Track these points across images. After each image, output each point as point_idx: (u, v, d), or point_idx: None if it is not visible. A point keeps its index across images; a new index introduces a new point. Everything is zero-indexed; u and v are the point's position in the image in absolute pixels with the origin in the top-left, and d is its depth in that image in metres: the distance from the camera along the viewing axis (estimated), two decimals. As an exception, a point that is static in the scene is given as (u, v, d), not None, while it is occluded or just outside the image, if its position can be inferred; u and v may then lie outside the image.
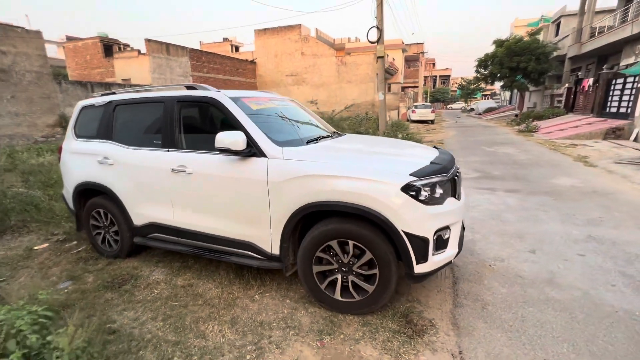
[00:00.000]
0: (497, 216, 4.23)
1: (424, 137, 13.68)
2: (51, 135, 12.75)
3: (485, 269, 2.94)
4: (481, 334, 2.12)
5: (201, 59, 20.38)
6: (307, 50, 24.86)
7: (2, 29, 11.49)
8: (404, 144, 3.30)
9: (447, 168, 2.32)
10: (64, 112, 13.06)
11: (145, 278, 2.85)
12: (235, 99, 2.65)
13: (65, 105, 13.12)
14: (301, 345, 2.04)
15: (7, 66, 11.41)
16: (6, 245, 3.65)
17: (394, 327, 2.19)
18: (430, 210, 2.07)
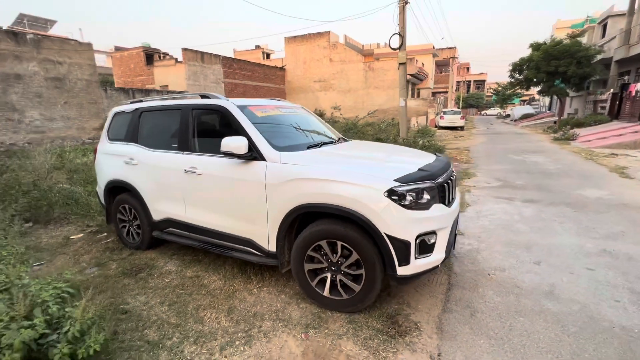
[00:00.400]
0: (509, 226, 4.13)
1: (449, 144, 13.38)
2: (97, 137, 13.95)
3: (483, 277, 2.93)
4: (464, 339, 2.15)
5: (233, 67, 21.34)
6: (335, 57, 25.18)
7: (59, 42, 12.84)
8: (402, 151, 3.37)
9: (435, 175, 2.38)
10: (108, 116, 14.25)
11: (159, 268, 3.15)
12: (242, 107, 2.88)
13: (109, 110, 14.31)
14: (287, 336, 2.19)
15: (63, 75, 12.71)
16: (49, 234, 4.15)
17: (378, 327, 2.27)
18: (413, 214, 2.15)
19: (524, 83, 20.60)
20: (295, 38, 25.71)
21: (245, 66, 22.30)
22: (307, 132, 3.27)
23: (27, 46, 11.71)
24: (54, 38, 13.12)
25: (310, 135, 3.24)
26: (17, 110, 11.59)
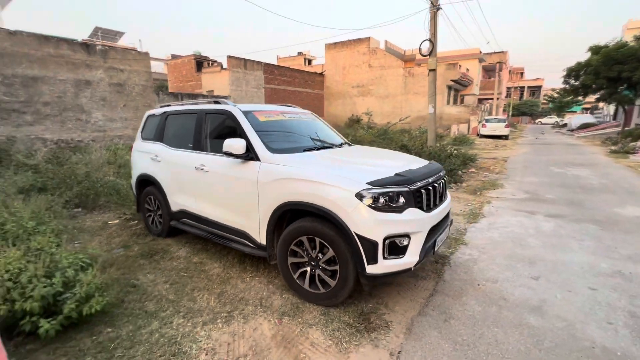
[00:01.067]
0: (519, 240, 3.96)
1: (486, 154, 12.77)
2: (148, 136, 15.46)
3: (471, 287, 2.90)
4: (429, 341, 2.21)
5: (273, 73, 22.28)
6: (375, 62, 25.15)
7: (122, 52, 14.50)
8: (394, 156, 3.45)
9: (412, 180, 2.46)
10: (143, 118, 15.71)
11: (171, 253, 3.56)
12: (247, 112, 3.19)
13: (160, 113, 15.76)
14: (263, 321, 2.41)
15: (123, 81, 14.32)
16: (92, 218, 4.82)
17: (349, 321, 2.40)
18: (382, 216, 2.26)
19: (580, 90, 18.87)
20: (335, 45, 26.14)
21: (285, 72, 23.15)
22: (307, 137, 3.49)
23: (96, 56, 13.41)
24: (118, 48, 14.85)
25: (310, 139, 3.46)
26: (85, 111, 13.28)
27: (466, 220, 4.76)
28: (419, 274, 3.13)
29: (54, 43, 12.22)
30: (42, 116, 12.10)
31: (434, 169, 2.90)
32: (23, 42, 11.44)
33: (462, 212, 5.16)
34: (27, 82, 11.65)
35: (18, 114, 11.57)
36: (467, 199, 6.00)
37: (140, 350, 2.05)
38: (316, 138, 3.55)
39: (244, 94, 20.32)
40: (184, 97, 16.93)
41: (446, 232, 2.91)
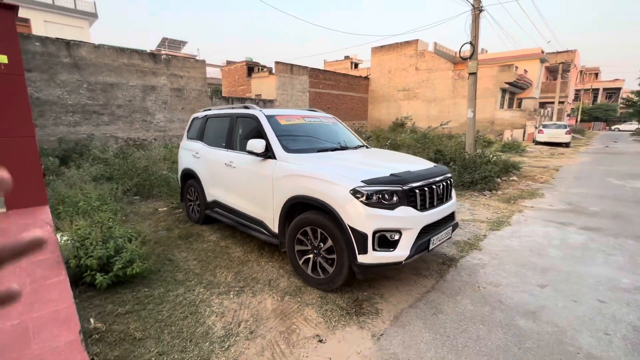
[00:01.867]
0: (539, 249, 3.85)
1: (537, 162, 11.92)
2: (202, 136, 16.95)
3: (470, 288, 2.98)
4: (411, 329, 2.39)
5: (319, 77, 22.93)
6: (422, 65, 24.58)
7: (183, 60, 16.14)
8: (399, 158, 3.59)
9: (406, 181, 2.65)
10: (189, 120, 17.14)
11: (204, 237, 4.11)
12: (270, 117, 3.61)
13: (213, 115, 17.19)
14: (268, 297, 2.78)
15: (182, 86, 15.93)
16: (146, 205, 5.64)
17: (342, 305, 2.67)
18: (372, 211, 2.49)
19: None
20: (381, 48, 26.07)
21: (330, 76, 23.67)
22: (324, 139, 3.81)
23: (161, 64, 15.12)
24: (179, 57, 16.56)
25: (326, 141, 3.77)
26: (149, 113, 15.04)
27: (489, 227, 4.68)
28: (422, 272, 3.27)
29: (128, 54, 14.05)
30: (115, 117, 13.95)
31: (435, 171, 3.04)
32: (104, 54, 13.34)
33: (487, 219, 5.07)
34: (105, 88, 13.54)
35: (97, 115, 13.48)
36: (498, 206, 5.82)
37: (166, 307, 2.54)
38: (332, 140, 3.86)
39: (290, 97, 21.20)
40: (234, 101, 18.24)
41: (447, 233, 3.02)
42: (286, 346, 2.19)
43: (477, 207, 5.83)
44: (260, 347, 2.17)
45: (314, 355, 2.12)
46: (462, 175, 7.24)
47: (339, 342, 2.25)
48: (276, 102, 20.13)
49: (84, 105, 13.11)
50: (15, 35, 2.66)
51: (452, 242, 4.07)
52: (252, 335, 2.28)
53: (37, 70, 11.98)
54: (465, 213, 5.43)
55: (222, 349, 2.12)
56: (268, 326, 2.39)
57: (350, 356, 2.12)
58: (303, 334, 2.31)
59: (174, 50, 34.93)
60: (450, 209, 3.08)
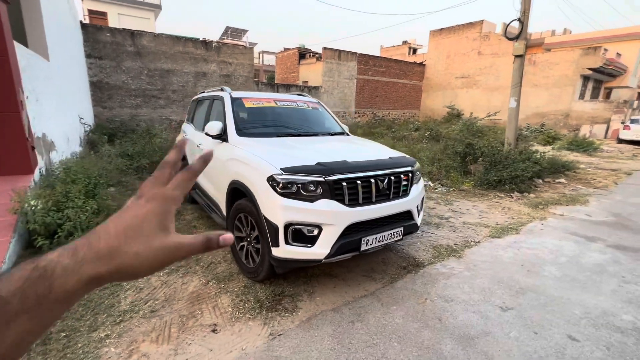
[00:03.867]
0: (532, 266, 3.21)
1: (607, 164, 9.99)
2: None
3: (414, 299, 2.61)
4: (315, 334, 2.18)
5: (368, 63, 22.10)
6: (486, 49, 22.11)
7: (232, 47, 16.86)
8: (360, 147, 3.26)
9: (331, 171, 2.37)
10: (257, 105, 17.76)
11: (180, 216, 4.29)
12: (235, 99, 3.55)
13: (258, 101, 17.78)
14: (196, 279, 2.78)
15: (230, 72, 16.70)
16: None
17: (262, 297, 2.55)
18: (286, 202, 2.29)
19: None
20: (440, 31, 24.04)
21: (381, 62, 22.64)
22: (293, 124, 3.63)
23: (212, 51, 16.00)
24: (229, 44, 17.30)
25: (293, 127, 3.59)
26: (200, 98, 16.17)
27: (489, 233, 4.06)
28: (373, 275, 2.97)
29: (183, 42, 15.11)
30: (170, 101, 15.21)
31: (383, 163, 2.68)
32: (162, 42, 14.53)
33: (495, 224, 4.40)
34: (163, 74, 14.81)
35: (155, 99, 14.84)
36: (519, 211, 5.02)
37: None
38: (301, 126, 3.66)
39: (336, 84, 20.88)
40: (279, 88, 18.60)
41: (394, 235, 2.67)
42: (176, 330, 2.17)
43: (493, 210, 5.09)
44: (151, 327, 2.18)
45: (197, 344, 2.06)
46: (488, 173, 6.38)
47: (231, 335, 2.15)
48: (321, 89, 20.02)
49: (144, 90, 14.52)
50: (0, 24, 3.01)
51: (432, 246, 3.62)
52: (152, 314, 2.30)
53: (107, 58, 13.54)
54: (473, 215, 4.78)
55: (114, 322, 2.18)
56: (174, 308, 2.39)
57: (232, 351, 2.02)
58: (201, 321, 2.27)
59: (235, 38, 36.68)
60: (400, 207, 2.70)
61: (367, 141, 3.58)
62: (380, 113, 23.34)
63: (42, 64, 4.55)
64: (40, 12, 4.88)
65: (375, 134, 14.21)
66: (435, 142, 11.37)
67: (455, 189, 6.32)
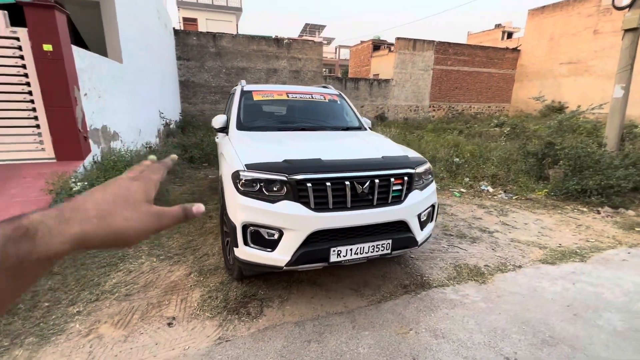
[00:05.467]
0: (587, 309, 2.39)
1: None
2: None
3: (397, 328, 2.19)
4: (263, 347, 2.00)
5: (447, 52, 20.13)
6: (606, 26, 17.92)
7: (302, 43, 17.23)
8: (363, 143, 2.85)
9: (295, 170, 2.09)
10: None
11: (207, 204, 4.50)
12: (245, 92, 3.51)
13: (325, 95, 17.88)
14: (182, 269, 2.84)
15: (299, 68, 17.13)
16: (203, 172, 6.55)
17: (231, 297, 2.46)
18: (246, 202, 2.11)
19: None
20: (543, 9, 20.37)
21: (463, 50, 20.37)
22: (301, 118, 3.43)
23: (283, 48, 16.62)
24: (299, 40, 17.71)
25: (302, 120, 3.39)
26: (270, 93, 16.99)
27: (541, 257, 3.21)
28: (363, 289, 2.62)
29: (257, 41, 16.04)
30: (244, 97, 16.32)
31: (367, 163, 2.27)
32: (239, 42, 15.67)
33: (557, 246, 3.47)
34: (238, 72, 15.99)
35: (231, 95, 16.16)
36: (600, 231, 3.88)
37: (102, 254, 2.98)
38: (312, 119, 3.43)
39: (408, 76, 19.64)
40: (347, 82, 18.36)
41: (379, 248, 2.26)
42: (138, 317, 2.23)
43: (562, 227, 4.05)
44: (118, 310, 2.29)
45: (148, 335, 2.08)
46: (568, 180, 5.10)
47: (182, 332, 2.12)
48: (392, 82, 19.07)
49: (222, 87, 15.91)
50: (56, 29, 3.55)
51: (454, 264, 3.02)
52: (125, 298, 2.42)
53: (194, 59, 15.22)
54: (530, 231, 3.87)
55: (89, 301, 2.35)
56: (147, 295, 2.47)
57: (174, 349, 1.97)
58: (163, 312, 2.29)
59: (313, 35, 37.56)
60: (388, 216, 2.27)
61: (376, 138, 3.15)
62: (459, 107, 21.17)
63: (110, 66, 5.27)
64: (117, 26, 5.67)
65: (445, 130, 12.90)
66: (516, 140, 9.71)
67: (521, 197, 5.24)
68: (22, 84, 3.60)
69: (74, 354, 1.91)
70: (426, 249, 3.34)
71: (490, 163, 6.89)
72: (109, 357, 1.89)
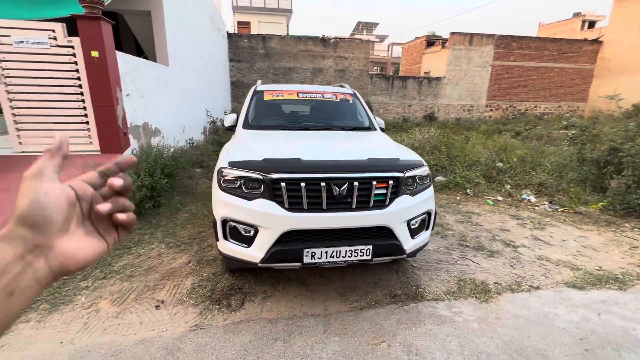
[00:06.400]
0: (605, 345, 2.02)
1: None
2: (358, 115, 17.74)
3: (365, 337, 2.09)
4: (231, 339, 2.06)
5: (510, 46, 18.37)
6: None
7: (348, 42, 17.12)
8: (352, 142, 2.72)
9: (270, 169, 2.09)
10: (369, 99, 17.57)
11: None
12: (258, 92, 3.62)
13: (370, 95, 17.58)
14: (184, 258, 3.04)
15: (345, 67, 17.06)
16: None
17: (218, 287, 2.58)
18: (225, 197, 2.19)
19: None
20: (634, -8, 17.50)
21: (529, 44, 18.40)
22: (309, 118, 3.44)
23: (329, 47, 16.70)
24: (345, 39, 17.59)
25: (309, 120, 3.41)
26: (315, 93, 17.18)
27: (570, 279, 2.80)
28: (350, 294, 2.55)
29: (303, 41, 16.36)
30: (290, 96, 16.77)
31: (348, 165, 2.19)
32: (287, 43, 16.14)
33: (595, 268, 3.00)
34: (285, 72, 16.48)
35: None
36: (660, 257, 3.25)
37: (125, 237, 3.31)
38: (320, 119, 3.43)
39: (463, 74, 18.38)
40: (395, 80, 17.82)
41: (358, 254, 2.17)
42: (133, 297, 2.45)
43: (610, 247, 3.47)
44: (119, 289, 2.54)
45: (136, 314, 2.27)
46: (631, 193, 4.34)
47: (166, 315, 2.28)
48: (443, 80, 18.04)
49: (270, 87, 16.49)
50: (102, 38, 4.02)
51: (459, 277, 2.78)
52: (127, 278, 2.67)
53: (244, 61, 16.04)
54: (567, 249, 3.40)
55: (98, 278, 2.64)
56: (148, 278, 2.70)
57: (154, 330, 2.13)
58: (155, 295, 2.48)
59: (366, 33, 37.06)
60: (369, 220, 2.16)
61: (379, 139, 3.00)
62: (521, 106, 19.27)
63: (155, 68, 5.83)
64: (164, 33, 6.26)
65: (500, 132, 11.82)
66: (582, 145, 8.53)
67: (568, 210, 4.61)
68: (76, 85, 4.16)
69: (73, 323, 2.17)
70: (432, 259, 3.12)
71: (541, 169, 6.17)
72: (98, 330, 2.12)
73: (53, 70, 4.06)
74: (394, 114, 18.17)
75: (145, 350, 1.96)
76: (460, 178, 5.64)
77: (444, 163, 6.46)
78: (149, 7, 6.18)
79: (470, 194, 5.33)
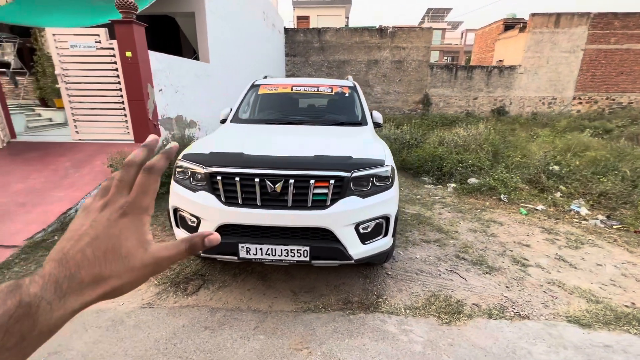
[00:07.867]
0: None
1: None
2: (414, 109, 16.81)
3: (291, 340, 2.01)
4: (179, 323, 2.18)
5: (611, 25, 15.26)
6: None
7: (407, 31, 16.17)
8: (320, 138, 2.56)
9: (210, 163, 2.11)
10: (428, 92, 16.46)
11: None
12: (255, 86, 3.68)
13: (430, 87, 16.44)
14: (170, 239, 3.29)
15: (402, 58, 16.19)
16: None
17: (184, 271, 2.73)
18: (175, 188, 2.29)
19: None
20: None
21: (637, 22, 15.05)
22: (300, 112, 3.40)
23: (386, 38, 16.01)
24: (404, 28, 16.56)
25: (295, 114, 3.36)
26: (369, 86, 16.69)
27: (579, 313, 2.27)
28: (301, 295, 2.48)
29: (359, 33, 15.99)
30: (343, 89, 16.66)
31: (287, 161, 2.08)
32: (341, 35, 15.99)
33: (630, 304, 2.39)
34: (339, 65, 16.40)
35: (332, 88, 16.68)
36: None
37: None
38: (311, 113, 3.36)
39: (544, 61, 15.97)
40: (459, 71, 16.32)
41: (295, 254, 2.08)
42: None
43: (662, 279, 2.71)
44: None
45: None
46: None
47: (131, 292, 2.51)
48: (518, 69, 15.95)
49: (324, 80, 16.60)
50: (134, 39, 4.50)
51: (432, 293, 2.49)
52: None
53: (299, 55, 16.39)
54: (600, 275, 2.77)
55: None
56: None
57: (113, 302, 2.37)
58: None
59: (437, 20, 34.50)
60: (307, 220, 2.04)
61: (358, 134, 2.78)
62: (623, 98, 16.07)
63: (192, 65, 6.33)
64: (206, 32, 6.76)
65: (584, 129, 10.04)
66: None
67: (627, 228, 3.72)
68: (116, 82, 4.77)
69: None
70: (414, 268, 2.83)
71: (612, 176, 5.08)
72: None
73: (98, 69, 4.72)
74: (456, 107, 16.71)
75: (96, 319, 2.19)
76: (495, 181, 4.95)
77: (483, 163, 5.73)
78: (193, 8, 6.71)
79: (505, 199, 4.65)
